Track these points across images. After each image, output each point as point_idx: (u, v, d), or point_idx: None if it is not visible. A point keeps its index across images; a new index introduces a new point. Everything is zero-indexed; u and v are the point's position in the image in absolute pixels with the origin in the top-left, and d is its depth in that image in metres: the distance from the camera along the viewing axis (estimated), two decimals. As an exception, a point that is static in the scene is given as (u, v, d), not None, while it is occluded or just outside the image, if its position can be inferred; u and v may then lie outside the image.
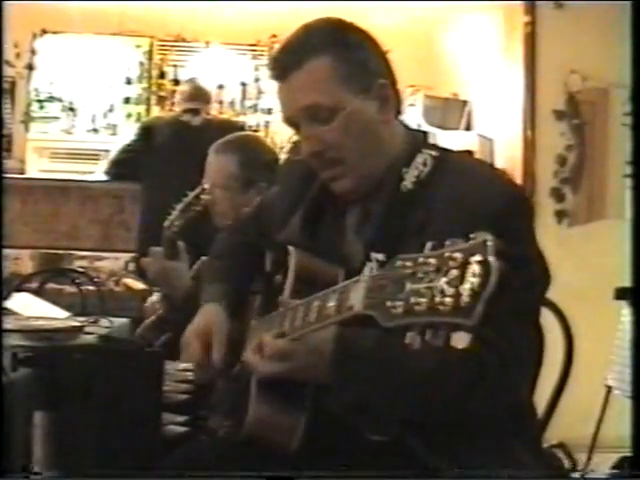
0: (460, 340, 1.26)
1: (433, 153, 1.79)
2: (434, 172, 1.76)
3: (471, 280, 1.21)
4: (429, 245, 1.31)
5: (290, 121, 1.81)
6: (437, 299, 1.23)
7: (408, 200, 1.73)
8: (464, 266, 1.22)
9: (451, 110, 5.62)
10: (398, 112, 1.84)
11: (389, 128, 1.81)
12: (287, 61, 1.77)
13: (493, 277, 1.20)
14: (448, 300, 1.22)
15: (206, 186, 2.95)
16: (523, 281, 1.62)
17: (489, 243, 1.23)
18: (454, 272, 1.23)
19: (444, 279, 1.23)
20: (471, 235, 1.26)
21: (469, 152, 2.24)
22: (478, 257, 1.22)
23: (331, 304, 1.50)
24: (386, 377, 1.63)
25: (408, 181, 1.75)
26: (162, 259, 2.97)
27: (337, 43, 1.76)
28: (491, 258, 1.22)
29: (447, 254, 1.25)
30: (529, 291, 1.67)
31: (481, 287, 1.20)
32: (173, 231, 2.98)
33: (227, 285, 1.98)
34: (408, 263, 1.30)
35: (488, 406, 1.64)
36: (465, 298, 1.21)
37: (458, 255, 1.24)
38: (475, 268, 1.21)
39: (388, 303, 1.30)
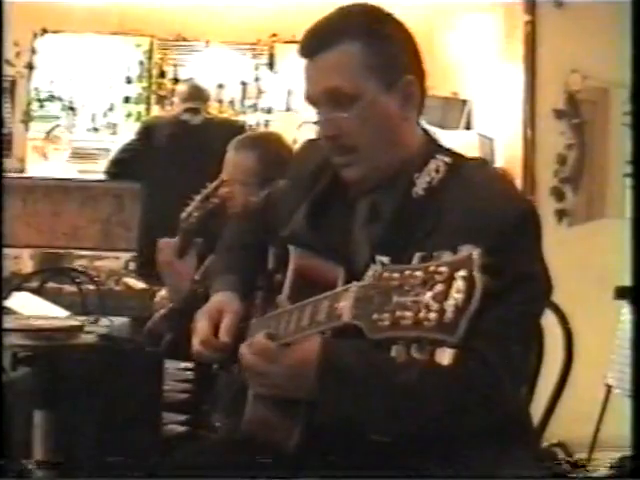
0: (444, 356, 1.25)
1: (447, 160, 1.77)
2: (446, 180, 1.73)
3: (455, 296, 1.19)
4: (418, 256, 1.29)
5: (311, 100, 1.78)
6: (422, 314, 1.21)
7: (418, 206, 1.72)
8: (449, 281, 1.20)
9: (451, 109, 5.61)
10: (419, 112, 1.81)
11: (408, 127, 1.78)
12: (318, 40, 1.74)
13: (477, 293, 1.19)
14: (433, 315, 1.20)
15: (225, 178, 2.94)
16: (525, 297, 1.62)
17: (474, 257, 1.21)
18: (439, 287, 1.21)
19: (430, 293, 1.21)
20: (459, 247, 1.25)
21: (484, 161, 2.21)
22: (462, 272, 1.20)
23: (322, 311, 1.49)
24: (370, 390, 1.61)
25: (419, 187, 1.73)
26: (172, 254, 2.96)
27: (371, 32, 1.73)
28: (476, 273, 1.20)
29: (432, 268, 1.23)
30: (530, 306, 1.67)
31: (465, 303, 1.19)
32: (191, 222, 2.96)
33: (237, 277, 1.96)
34: (395, 274, 1.28)
35: (479, 418, 1.63)
36: (449, 314, 1.19)
37: (444, 269, 1.22)
38: (459, 284, 1.20)
39: (375, 315, 1.28)
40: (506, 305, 1.57)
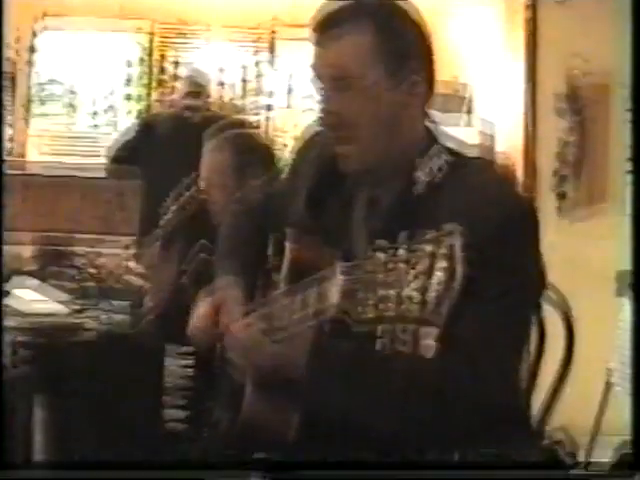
0: (427, 349, 1.27)
1: (449, 158, 1.76)
2: (447, 178, 1.73)
3: (437, 274, 1.22)
4: (403, 235, 1.32)
5: (315, 77, 1.77)
6: (404, 306, 1.24)
7: (418, 203, 1.71)
8: (432, 258, 1.24)
9: (452, 101, 5.60)
10: (425, 110, 1.80)
11: (410, 122, 1.77)
12: (331, 18, 1.73)
13: (459, 271, 1.22)
14: (414, 307, 1.23)
15: (201, 184, 2.94)
16: (516, 294, 1.61)
17: (456, 233, 1.25)
18: (422, 265, 1.24)
19: (413, 272, 1.24)
20: (442, 225, 1.26)
21: (487, 161, 2.20)
22: (444, 250, 1.23)
23: (311, 302, 1.51)
24: (359, 381, 1.61)
25: (421, 184, 1.73)
26: (155, 255, 2.97)
27: (385, 24, 1.72)
28: (458, 250, 1.23)
29: (415, 246, 1.26)
30: (521, 303, 1.65)
31: (448, 282, 1.22)
32: (168, 229, 2.97)
33: (239, 262, 1.96)
34: (380, 254, 1.32)
35: (468, 413, 1.63)
36: (432, 293, 1.22)
37: (426, 246, 1.25)
38: (442, 262, 1.23)
39: (359, 308, 1.31)
40: (496, 302, 1.57)
